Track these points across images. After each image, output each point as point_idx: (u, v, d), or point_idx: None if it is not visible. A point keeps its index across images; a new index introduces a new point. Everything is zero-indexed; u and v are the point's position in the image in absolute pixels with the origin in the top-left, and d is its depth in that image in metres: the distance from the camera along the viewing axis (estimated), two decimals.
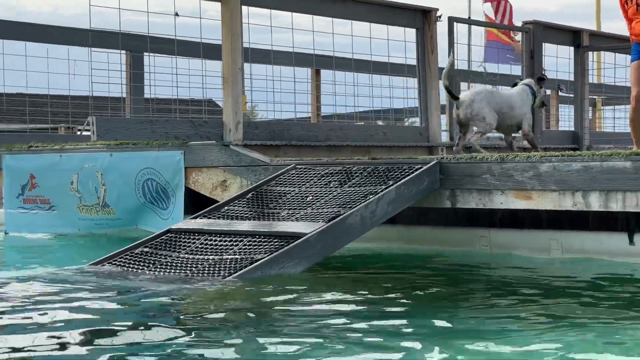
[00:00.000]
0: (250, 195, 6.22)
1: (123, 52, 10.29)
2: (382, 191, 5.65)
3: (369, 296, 4.52)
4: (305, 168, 6.45)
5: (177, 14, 8.04)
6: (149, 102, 10.99)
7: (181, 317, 4.04)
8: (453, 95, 7.42)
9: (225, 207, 6.07)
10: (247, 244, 5.28)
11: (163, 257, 5.34)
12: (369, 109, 11.28)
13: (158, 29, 11.16)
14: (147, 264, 5.27)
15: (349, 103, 13.04)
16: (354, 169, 6.18)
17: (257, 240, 5.31)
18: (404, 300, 4.44)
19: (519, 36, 17.09)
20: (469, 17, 18.19)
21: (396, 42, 9.55)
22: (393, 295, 4.58)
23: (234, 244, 5.33)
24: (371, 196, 5.60)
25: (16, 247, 7.84)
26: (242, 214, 5.91)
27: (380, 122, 11.94)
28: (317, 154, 8.38)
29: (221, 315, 4.04)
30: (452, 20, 9.63)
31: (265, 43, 9.64)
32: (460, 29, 13.84)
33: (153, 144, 7.72)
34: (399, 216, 5.94)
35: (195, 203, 7.33)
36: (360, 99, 10.92)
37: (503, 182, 5.69)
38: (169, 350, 3.24)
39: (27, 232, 8.46)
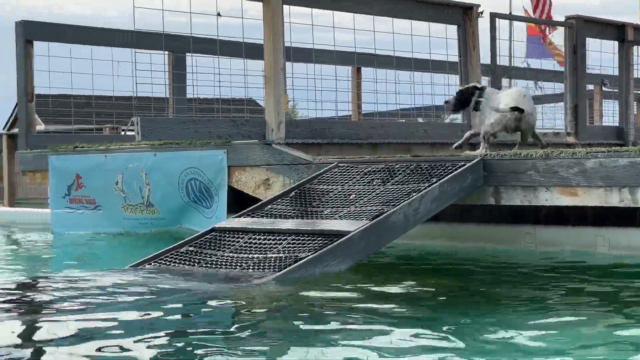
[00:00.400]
0: (293, 193, 6.24)
1: (166, 52, 10.40)
2: (425, 189, 5.63)
3: (412, 294, 4.51)
4: (347, 166, 6.46)
5: (219, 14, 8.09)
6: (191, 102, 11.09)
7: (228, 315, 4.07)
8: (520, 109, 6.94)
9: (269, 206, 6.10)
10: (291, 242, 5.30)
11: (208, 256, 5.38)
12: (410, 106, 11.24)
13: (197, 29, 11.23)
14: (192, 263, 5.32)
15: (390, 100, 13.03)
16: (397, 166, 6.17)
17: (301, 238, 5.32)
18: (449, 299, 4.42)
19: (557, 39, 16.92)
20: (510, 13, 18.04)
21: (438, 38, 9.51)
22: (437, 293, 4.57)
23: (278, 242, 5.36)
24: (414, 194, 5.59)
25: (63, 246, 7.95)
26: (285, 212, 5.94)
27: (420, 120, 11.89)
28: (358, 152, 8.38)
29: (267, 313, 4.06)
30: (493, 16, 9.56)
31: (305, 42, 9.68)
32: (501, 24, 13.71)
33: (196, 144, 7.78)
34: (442, 214, 5.92)
35: (238, 202, 7.38)
36: (401, 97, 10.90)
37: (548, 179, 5.64)
38: (216, 349, 3.27)
39: (73, 231, 8.57)
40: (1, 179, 12.93)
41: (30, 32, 9.64)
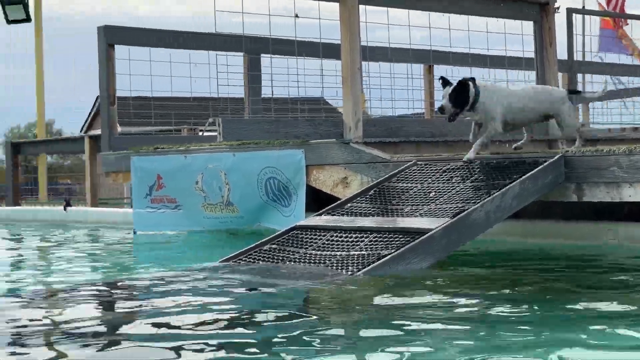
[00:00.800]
0: (372, 191, 6.30)
1: (242, 54, 10.57)
2: (505, 186, 5.63)
3: (494, 292, 4.52)
4: (425, 164, 6.49)
5: (297, 16, 8.20)
6: (267, 102, 11.23)
7: (314, 312, 4.15)
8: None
9: (349, 204, 6.17)
10: (373, 240, 5.36)
11: (291, 254, 5.47)
12: None
13: (267, 30, 11.40)
14: (276, 260, 5.42)
15: None
16: (476, 164, 6.18)
17: (382, 236, 5.38)
18: (532, 296, 4.42)
19: (633, 31, 16.60)
20: (583, 7, 17.79)
21: (513, 35, 9.46)
22: (520, 290, 4.57)
23: (360, 240, 5.42)
24: (495, 191, 5.59)
25: (146, 246, 8.14)
26: (365, 210, 6.00)
27: None
28: (435, 150, 8.39)
29: (353, 309, 4.12)
30: (570, 11, 9.48)
31: (377, 40, 9.73)
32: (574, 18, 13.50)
33: (274, 144, 7.90)
34: (522, 210, 5.90)
35: (315, 200, 7.48)
36: None
37: (631, 175, 5.58)
38: (303, 345, 3.33)
39: (155, 230, 8.78)
40: (84, 180, 13.29)
41: (112, 37, 9.91)
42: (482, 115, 6.21)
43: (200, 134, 11.82)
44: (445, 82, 6.12)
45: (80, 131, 32.85)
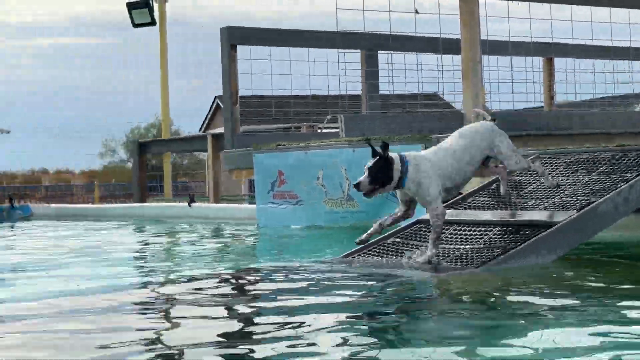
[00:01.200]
0: (494, 185, 6.27)
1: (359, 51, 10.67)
2: (634, 178, 5.52)
3: (624, 286, 4.45)
4: (549, 157, 6.42)
5: (417, 12, 8.24)
6: (384, 99, 11.30)
7: (439, 304, 4.19)
8: None
9: (471, 198, 6.17)
10: (497, 233, 5.35)
11: (414, 247, 5.52)
12: (608, 95, 10.93)
13: (385, 26, 11.44)
14: (399, 254, 5.48)
15: (586, 90, 12.68)
16: (601, 156, 6.07)
17: (507, 229, 5.36)
18: None
19: None
20: None
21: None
22: None
23: (484, 233, 5.42)
24: (622, 184, 5.49)
25: (269, 239, 8.34)
26: (487, 204, 5.99)
27: (621, 109, 11.51)
28: (557, 143, 8.26)
29: (479, 302, 4.14)
30: None
31: (495, 34, 9.65)
32: None
33: (393, 139, 7.96)
34: None
35: None
36: (596, 86, 10.62)
37: None
38: (431, 338, 3.38)
39: (277, 225, 8.98)
40: (202, 178, 13.68)
41: (234, 37, 10.17)
42: (414, 193, 5.17)
43: (319, 130, 12.00)
44: (373, 152, 5.08)
45: (199, 131, 33.69)
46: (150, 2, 15.88)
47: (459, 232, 5.56)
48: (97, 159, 49.46)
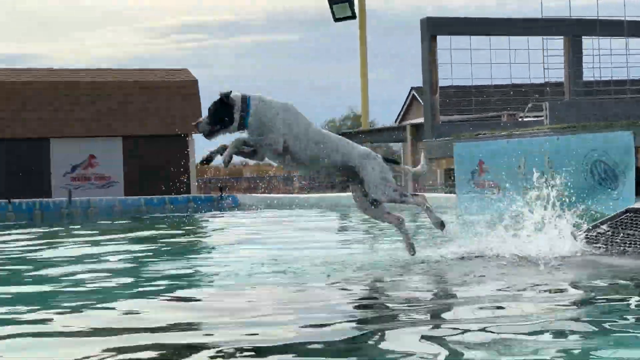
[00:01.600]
0: None
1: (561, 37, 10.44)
2: None
3: None
4: None
5: None
6: (587, 85, 11.00)
7: None
8: None
9: None
10: None
11: (626, 236, 5.40)
12: None
13: (591, 11, 11.11)
14: (609, 243, 5.38)
15: None
16: None
17: None
18: None
19: None
20: None
21: None
22: None
23: None
24: None
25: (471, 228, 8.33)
26: None
27: None
28: None
29: None
30: None
31: None
32: None
33: (600, 126, 7.77)
34: None
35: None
36: None
37: None
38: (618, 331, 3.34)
39: (478, 214, 8.96)
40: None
41: (435, 28, 10.24)
42: (256, 134, 4.91)
43: (520, 119, 11.85)
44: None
45: (395, 122, 33.95)
46: None
47: None
48: None
